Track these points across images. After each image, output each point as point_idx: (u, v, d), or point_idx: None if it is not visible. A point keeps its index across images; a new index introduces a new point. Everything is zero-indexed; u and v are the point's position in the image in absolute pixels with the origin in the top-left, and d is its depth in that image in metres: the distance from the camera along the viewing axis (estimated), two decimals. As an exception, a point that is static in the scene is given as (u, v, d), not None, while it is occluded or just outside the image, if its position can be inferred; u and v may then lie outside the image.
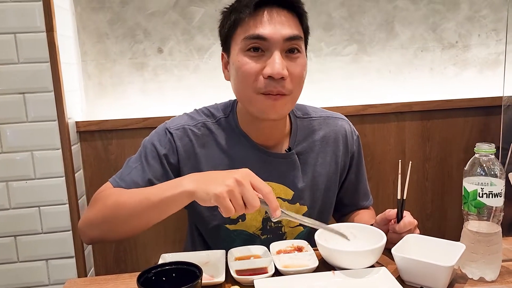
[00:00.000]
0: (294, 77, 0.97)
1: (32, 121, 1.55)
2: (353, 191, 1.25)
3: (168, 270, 0.82)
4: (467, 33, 1.94)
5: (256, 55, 0.96)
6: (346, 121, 1.21)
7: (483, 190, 0.87)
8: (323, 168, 1.14)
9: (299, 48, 0.98)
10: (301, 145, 1.12)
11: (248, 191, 0.81)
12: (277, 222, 1.11)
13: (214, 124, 1.10)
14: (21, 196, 1.59)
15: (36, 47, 1.51)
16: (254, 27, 0.95)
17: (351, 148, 1.19)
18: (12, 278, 1.63)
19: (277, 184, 1.09)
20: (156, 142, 1.08)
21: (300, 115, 1.16)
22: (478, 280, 0.87)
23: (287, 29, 0.95)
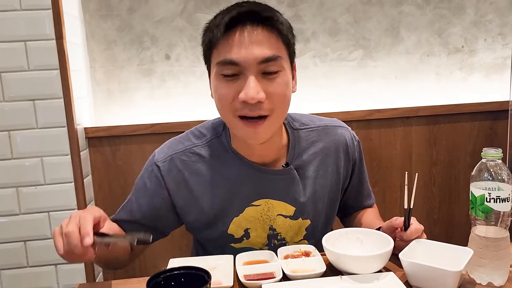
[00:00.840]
0: (274, 97, 0.91)
1: (41, 128, 1.57)
2: (357, 194, 1.23)
3: (177, 275, 0.82)
4: (473, 38, 1.94)
5: (231, 79, 0.91)
6: (345, 128, 1.16)
7: (490, 195, 0.86)
8: (324, 180, 1.10)
9: (278, 68, 0.91)
10: (300, 159, 1.08)
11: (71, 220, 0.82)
12: (281, 239, 1.09)
13: (204, 147, 1.05)
14: (30, 202, 1.60)
15: (45, 54, 1.53)
16: (225, 51, 0.89)
17: (353, 156, 1.15)
18: (21, 282, 1.64)
19: (276, 201, 1.06)
20: (146, 179, 1.06)
21: (297, 127, 1.11)
22: (486, 285, 0.86)
23: (261, 51, 0.88)
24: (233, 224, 1.06)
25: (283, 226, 1.08)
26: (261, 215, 1.06)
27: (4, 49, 1.51)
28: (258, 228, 1.07)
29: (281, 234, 1.09)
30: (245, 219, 1.06)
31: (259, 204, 1.05)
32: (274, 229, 1.08)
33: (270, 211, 1.06)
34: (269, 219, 1.07)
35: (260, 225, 1.07)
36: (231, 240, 1.07)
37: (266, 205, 1.06)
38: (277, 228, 1.08)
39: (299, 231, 1.10)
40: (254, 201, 1.05)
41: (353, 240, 0.99)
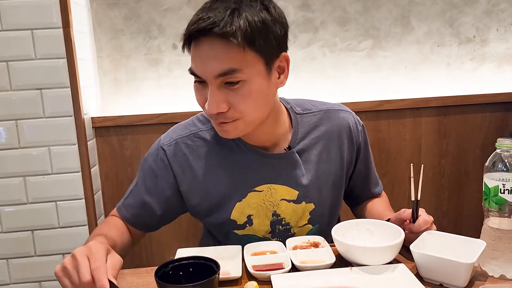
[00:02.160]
0: (237, 106, 0.90)
1: (48, 117, 1.57)
2: (364, 181, 1.22)
3: (185, 264, 0.82)
4: (485, 27, 1.91)
5: (201, 86, 0.92)
6: (348, 112, 1.15)
7: (504, 186, 0.85)
8: (328, 165, 1.10)
9: (239, 79, 0.88)
10: (303, 143, 1.08)
11: (80, 267, 0.75)
12: (286, 224, 1.09)
13: (208, 132, 1.07)
14: (38, 191, 1.61)
15: (52, 43, 1.52)
16: (192, 61, 0.91)
17: (357, 140, 1.14)
18: (29, 271, 1.65)
19: (280, 185, 1.06)
20: (152, 163, 1.08)
21: (299, 111, 1.10)
22: (499, 278, 0.85)
23: (217, 65, 0.86)
24: (235, 210, 1.06)
25: (286, 210, 1.08)
26: (264, 202, 1.07)
27: (11, 37, 1.51)
28: (261, 215, 1.07)
29: (285, 219, 1.09)
30: (248, 205, 1.06)
31: (262, 190, 1.06)
32: (278, 215, 1.08)
33: (273, 196, 1.07)
34: (272, 204, 1.07)
35: (263, 212, 1.07)
36: (234, 226, 1.08)
37: (269, 190, 1.06)
38: (281, 213, 1.08)
39: (303, 216, 1.10)
40: (257, 186, 1.06)
41: (363, 231, 0.98)
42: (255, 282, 0.83)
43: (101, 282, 0.74)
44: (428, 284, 0.83)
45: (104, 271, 0.76)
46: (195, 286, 0.73)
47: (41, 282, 1.66)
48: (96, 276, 0.75)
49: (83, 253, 0.77)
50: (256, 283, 0.83)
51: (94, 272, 0.75)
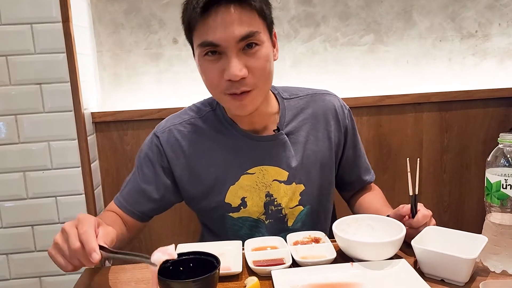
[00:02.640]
0: (255, 71, 0.95)
1: (48, 112, 1.57)
2: (353, 167, 1.24)
3: (185, 260, 0.81)
4: (487, 22, 1.90)
5: (214, 59, 0.95)
6: (333, 96, 1.20)
7: (507, 181, 0.84)
8: (315, 146, 1.13)
9: (257, 42, 0.95)
10: (290, 125, 1.12)
11: (69, 236, 0.76)
12: (277, 205, 1.12)
13: (200, 119, 1.12)
14: (38, 186, 1.61)
15: (52, 37, 1.52)
16: (205, 33, 0.92)
17: (343, 123, 1.17)
18: (29, 267, 1.65)
19: (270, 166, 1.10)
20: (147, 150, 1.13)
21: (287, 96, 1.15)
22: (500, 273, 0.84)
23: (239, 29, 0.91)
24: (229, 193, 1.10)
25: (278, 191, 1.11)
26: (256, 183, 1.10)
27: (10, 32, 1.50)
28: (255, 197, 1.11)
29: (277, 200, 1.12)
30: (241, 187, 1.10)
31: (254, 172, 1.10)
32: (271, 195, 1.11)
33: (265, 177, 1.10)
34: (265, 185, 1.11)
35: (256, 193, 1.10)
36: (228, 209, 1.11)
37: (261, 172, 1.10)
38: (273, 193, 1.11)
39: (293, 196, 1.13)
40: (249, 169, 1.10)
41: (364, 226, 0.98)
42: (256, 278, 0.83)
43: (90, 245, 0.74)
44: (429, 280, 0.82)
45: (92, 234, 0.76)
46: (195, 281, 0.72)
47: (41, 278, 1.66)
48: (84, 239, 0.75)
49: (71, 224, 0.79)
50: (256, 278, 0.83)
51: (82, 236, 0.75)
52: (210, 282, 0.75)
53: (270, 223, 1.12)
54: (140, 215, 1.13)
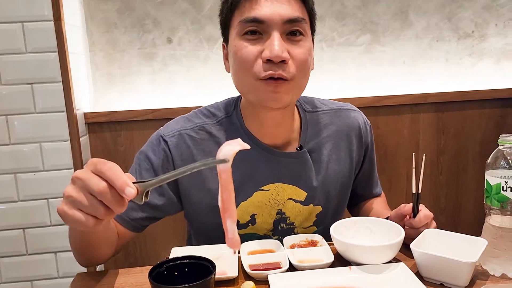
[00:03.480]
0: (296, 60, 0.89)
1: (40, 112, 1.55)
2: (367, 181, 1.21)
3: (180, 264, 0.80)
4: (483, 23, 1.90)
5: (253, 38, 0.89)
6: (358, 112, 1.15)
7: (507, 183, 0.83)
8: (337, 165, 1.08)
9: (301, 31, 0.90)
10: (313, 142, 1.06)
11: (89, 180, 0.62)
12: (290, 223, 1.06)
13: (214, 126, 1.02)
14: (29, 188, 1.59)
15: (43, 36, 1.50)
16: (250, 9, 0.88)
17: (365, 140, 1.14)
18: (21, 270, 1.63)
19: (288, 185, 1.03)
20: (149, 153, 1.01)
21: (309, 109, 1.08)
22: (500, 277, 0.84)
23: (287, 10, 0.87)
24: (239, 209, 1.02)
25: (292, 210, 1.05)
26: (269, 200, 1.04)
27: (1, 30, 1.49)
28: (265, 214, 1.04)
29: (289, 218, 1.06)
30: (253, 204, 1.03)
31: (268, 189, 1.03)
32: (283, 213, 1.05)
33: (279, 195, 1.04)
34: (278, 203, 1.04)
35: (267, 210, 1.04)
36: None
37: (275, 189, 1.03)
38: (286, 212, 1.05)
39: (309, 217, 1.08)
40: (264, 185, 1.02)
41: (362, 229, 0.97)
42: (252, 282, 0.82)
43: (121, 179, 0.61)
44: (429, 284, 0.81)
45: (119, 168, 0.63)
46: (190, 287, 0.70)
47: (33, 281, 1.64)
48: (111, 175, 0.61)
49: (85, 170, 0.64)
50: (253, 283, 0.81)
51: (107, 173, 0.62)
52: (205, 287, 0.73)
53: (278, 239, 1.05)
54: (133, 223, 1.01)
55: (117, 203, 0.63)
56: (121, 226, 1.00)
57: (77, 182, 0.63)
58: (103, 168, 0.62)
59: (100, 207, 0.63)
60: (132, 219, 1.00)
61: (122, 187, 0.61)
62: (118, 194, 0.62)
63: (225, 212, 0.67)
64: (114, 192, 0.62)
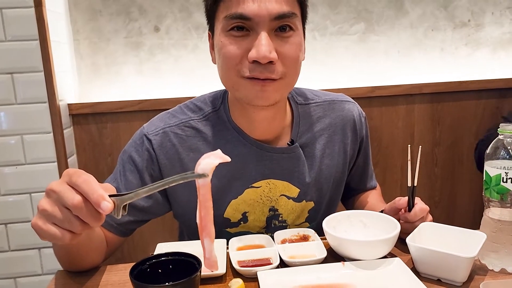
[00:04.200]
0: (286, 58, 0.86)
1: (21, 103, 1.53)
2: (361, 174, 1.19)
3: (164, 261, 0.77)
4: (480, 11, 1.91)
5: (239, 35, 0.85)
6: (353, 104, 1.11)
7: (507, 174, 0.82)
8: (331, 160, 1.06)
9: (291, 26, 0.86)
10: (305, 136, 1.03)
11: (63, 193, 0.61)
12: (282, 221, 1.05)
13: (201, 121, 0.99)
14: (11, 182, 1.58)
15: (24, 23, 1.48)
16: (236, 3, 0.83)
17: (360, 133, 1.11)
18: (3, 267, 1.61)
19: (280, 181, 1.01)
20: (133, 153, 0.98)
21: (301, 101, 1.06)
22: (499, 272, 0.82)
23: (276, 5, 0.83)
24: (230, 207, 1.00)
25: (285, 207, 1.04)
26: (261, 197, 1.01)
27: (-22, 17, 1.46)
28: (257, 211, 1.02)
29: (282, 216, 1.05)
30: (244, 201, 1.01)
31: (259, 186, 1.00)
32: (276, 209, 1.04)
33: (272, 191, 1.02)
34: (270, 200, 1.02)
35: (259, 208, 1.02)
36: (226, 225, 1.02)
37: (267, 186, 1.01)
38: (279, 208, 1.04)
39: (301, 214, 1.06)
40: (255, 182, 1.00)
41: (356, 223, 0.95)
42: (241, 280, 0.80)
43: (96, 193, 0.60)
44: (425, 279, 0.80)
45: (94, 181, 0.62)
46: (174, 285, 0.68)
47: (16, 278, 1.63)
48: (86, 188, 0.60)
49: (60, 182, 0.63)
50: (241, 280, 0.80)
51: (82, 186, 0.61)
52: (191, 286, 0.71)
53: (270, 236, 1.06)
54: (120, 228, 0.99)
55: (93, 218, 0.62)
56: (109, 232, 0.97)
57: (51, 195, 0.63)
58: (78, 181, 0.61)
59: (75, 221, 0.62)
60: (119, 224, 0.98)
61: (97, 201, 0.60)
62: (94, 208, 0.61)
63: (203, 230, 0.66)
64: (89, 206, 0.61)
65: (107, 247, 0.97)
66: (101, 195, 0.60)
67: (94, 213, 0.61)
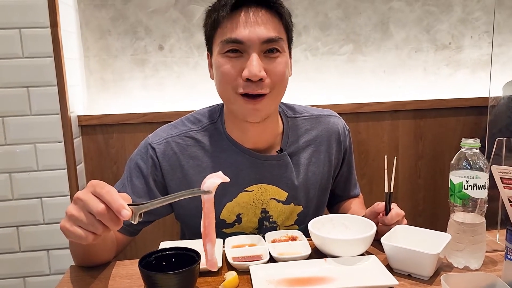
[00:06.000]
0: (274, 75, 0.95)
1: (35, 114, 1.57)
2: (345, 182, 1.26)
3: (168, 255, 0.85)
4: (459, 35, 1.96)
5: (234, 56, 0.95)
6: (337, 118, 1.20)
7: (468, 182, 0.89)
8: (316, 168, 1.13)
9: (278, 49, 0.96)
10: (294, 146, 1.11)
11: (88, 201, 0.69)
12: (273, 222, 1.11)
13: (199, 132, 1.07)
14: (23, 188, 1.61)
15: (40, 42, 1.53)
16: (230, 30, 0.93)
17: (344, 145, 1.19)
18: (13, 267, 1.64)
19: (270, 185, 1.08)
20: (139, 161, 1.06)
21: (291, 115, 1.14)
22: (463, 268, 0.88)
23: (264, 31, 0.93)
24: (225, 209, 1.07)
25: (275, 209, 1.10)
26: (253, 200, 1.08)
27: (-1, 36, 1.51)
28: (250, 213, 1.09)
29: (272, 217, 1.11)
30: (238, 204, 1.07)
31: (252, 190, 1.08)
32: (267, 212, 1.10)
33: (263, 195, 1.09)
34: (262, 203, 1.09)
35: (252, 210, 1.09)
36: (222, 226, 1.08)
37: (259, 190, 1.08)
38: (269, 210, 1.10)
39: (290, 216, 1.13)
40: (248, 186, 1.07)
41: (338, 225, 1.02)
42: (235, 272, 0.86)
43: (117, 202, 0.68)
44: (398, 274, 0.86)
45: (116, 191, 0.70)
46: (176, 274, 0.75)
47: (25, 278, 1.65)
48: (109, 198, 0.69)
49: (85, 192, 0.71)
50: (235, 273, 0.85)
51: (105, 196, 0.69)
52: (191, 275, 0.78)
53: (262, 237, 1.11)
54: (129, 229, 1.06)
55: (113, 223, 0.70)
56: (119, 233, 1.05)
57: (78, 202, 0.71)
58: (101, 192, 0.70)
59: (98, 225, 0.70)
60: (128, 226, 1.05)
61: (118, 210, 0.69)
62: (114, 215, 0.70)
63: (206, 237, 0.77)
64: (111, 213, 0.69)
65: (117, 247, 1.04)
66: (121, 204, 0.69)
67: (115, 219, 0.70)
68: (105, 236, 0.92)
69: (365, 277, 0.84)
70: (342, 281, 0.82)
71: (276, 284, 0.82)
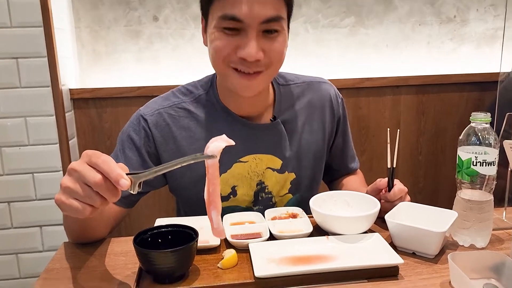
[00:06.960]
0: (271, 53, 0.93)
1: (25, 87, 1.55)
2: (341, 155, 1.25)
3: (164, 232, 0.82)
4: (465, 8, 1.93)
5: (231, 33, 0.91)
6: (329, 84, 1.19)
7: (477, 158, 0.87)
8: (310, 136, 1.13)
9: (278, 28, 0.93)
10: (287, 113, 1.10)
11: (84, 172, 0.65)
12: (268, 192, 1.10)
13: (192, 103, 1.07)
14: (14, 162, 1.59)
15: (29, 11, 1.49)
16: (230, 5, 0.89)
17: (337, 113, 1.17)
18: (5, 244, 1.64)
19: (264, 154, 1.08)
20: (131, 132, 1.05)
21: (282, 82, 1.13)
22: (468, 247, 0.87)
23: (265, 10, 0.89)
24: (220, 181, 1.03)
25: (270, 179, 1.10)
26: (248, 172, 1.08)
27: (-15, 4, 1.47)
28: (245, 186, 1.08)
29: (268, 187, 1.11)
30: (233, 176, 1.07)
31: (247, 161, 1.07)
32: (263, 183, 1.10)
33: (258, 166, 1.08)
34: (257, 174, 1.08)
35: (247, 182, 1.08)
36: None
37: (254, 161, 1.07)
38: (265, 181, 1.10)
39: (284, 185, 1.12)
40: (242, 157, 1.06)
41: (340, 202, 1.00)
42: (233, 250, 0.84)
43: (115, 171, 0.65)
44: (402, 253, 0.85)
45: (113, 160, 0.67)
46: (173, 251, 0.73)
47: (18, 254, 1.66)
48: (106, 168, 0.65)
49: (80, 162, 0.68)
50: (234, 251, 0.84)
51: (102, 166, 0.65)
52: (188, 253, 0.76)
53: (259, 210, 1.10)
54: (125, 200, 1.04)
55: (111, 193, 0.66)
56: (114, 205, 1.03)
57: (73, 174, 0.67)
58: (97, 161, 0.66)
59: (95, 197, 0.66)
60: (124, 196, 1.02)
61: (116, 179, 0.65)
62: (112, 185, 0.66)
63: (210, 204, 0.72)
64: (109, 183, 0.66)
65: (113, 220, 1.02)
66: (119, 173, 0.65)
67: (113, 189, 0.66)
68: (102, 209, 0.89)
69: (369, 255, 0.82)
70: (345, 259, 0.81)
71: (276, 262, 0.80)
